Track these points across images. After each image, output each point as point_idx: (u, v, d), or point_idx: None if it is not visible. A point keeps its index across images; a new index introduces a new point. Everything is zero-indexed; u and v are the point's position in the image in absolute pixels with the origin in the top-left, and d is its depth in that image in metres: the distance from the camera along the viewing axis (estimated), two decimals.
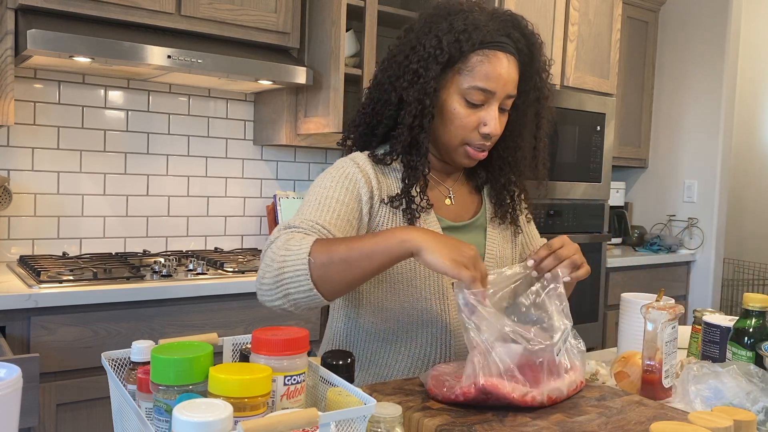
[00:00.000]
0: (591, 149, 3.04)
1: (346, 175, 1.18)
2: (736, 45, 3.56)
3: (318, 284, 0.99)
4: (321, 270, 0.98)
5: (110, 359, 0.84)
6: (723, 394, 1.01)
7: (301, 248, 1.00)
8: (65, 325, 1.81)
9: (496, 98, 1.16)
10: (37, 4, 1.95)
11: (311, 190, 1.18)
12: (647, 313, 1.12)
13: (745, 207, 4.36)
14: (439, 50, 1.14)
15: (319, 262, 0.98)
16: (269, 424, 0.60)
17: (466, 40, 1.13)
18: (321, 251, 0.99)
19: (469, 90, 1.15)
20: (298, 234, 1.05)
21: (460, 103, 1.16)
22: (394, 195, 1.19)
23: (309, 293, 0.99)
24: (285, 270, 1.00)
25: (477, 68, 1.14)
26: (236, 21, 2.31)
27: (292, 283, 0.99)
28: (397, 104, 1.19)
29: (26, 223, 2.30)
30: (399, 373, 1.21)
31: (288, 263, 1.00)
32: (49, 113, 2.33)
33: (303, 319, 2.22)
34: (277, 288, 1.01)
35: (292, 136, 2.57)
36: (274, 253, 1.02)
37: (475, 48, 1.14)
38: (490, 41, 1.14)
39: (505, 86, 1.16)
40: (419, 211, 1.19)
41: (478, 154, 1.20)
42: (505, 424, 0.88)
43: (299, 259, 0.99)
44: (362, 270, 0.99)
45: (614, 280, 3.26)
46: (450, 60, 1.15)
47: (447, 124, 1.18)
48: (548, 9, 2.87)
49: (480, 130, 1.17)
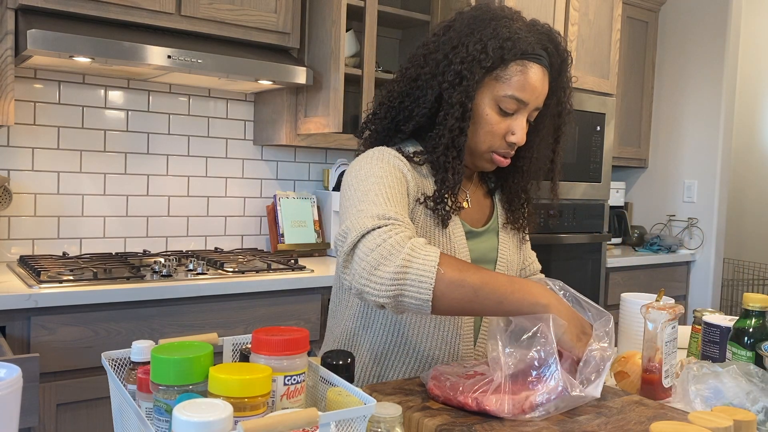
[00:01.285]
0: (591, 149, 3.04)
1: (390, 163, 1.16)
2: (736, 45, 3.56)
3: (437, 298, 0.96)
4: (446, 288, 0.96)
5: (110, 359, 0.84)
6: (723, 394, 1.01)
7: (430, 255, 0.97)
8: (65, 325, 1.81)
9: (527, 109, 1.17)
10: (37, 4, 1.95)
11: (365, 180, 1.12)
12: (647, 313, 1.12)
13: (745, 207, 4.36)
14: (484, 54, 1.13)
15: (448, 279, 0.96)
16: (269, 424, 0.60)
17: (509, 48, 1.13)
18: (453, 269, 0.97)
19: (504, 98, 1.15)
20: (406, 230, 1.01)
21: (493, 109, 1.17)
22: (430, 195, 1.19)
23: (423, 303, 0.96)
24: (410, 270, 0.95)
25: (515, 78, 1.15)
26: (236, 21, 2.31)
27: (412, 287, 0.95)
28: (433, 103, 1.18)
29: (26, 223, 2.30)
30: (404, 374, 1.21)
31: (414, 265, 0.96)
32: (49, 113, 2.33)
33: (303, 319, 2.22)
34: (393, 285, 0.95)
35: (292, 136, 2.57)
36: (392, 247, 0.97)
37: (516, 57, 1.14)
38: (531, 53, 1.15)
39: (537, 98, 1.17)
40: (452, 213, 1.19)
41: (503, 161, 1.21)
42: (505, 424, 0.88)
43: (428, 267, 0.95)
44: (486, 308, 0.98)
45: (614, 280, 3.26)
46: (491, 65, 1.14)
47: (477, 128, 1.18)
48: (548, 9, 2.87)
49: (507, 138, 1.18)
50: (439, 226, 1.19)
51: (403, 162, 1.17)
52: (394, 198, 1.09)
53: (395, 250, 0.97)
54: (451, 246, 1.20)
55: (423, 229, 1.19)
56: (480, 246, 1.26)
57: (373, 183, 1.10)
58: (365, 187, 1.10)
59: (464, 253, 1.22)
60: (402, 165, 1.17)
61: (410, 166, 1.19)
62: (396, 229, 1.00)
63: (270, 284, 2.14)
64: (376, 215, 1.03)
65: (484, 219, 1.31)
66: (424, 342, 1.20)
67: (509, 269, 1.31)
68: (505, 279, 0.99)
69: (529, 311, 0.97)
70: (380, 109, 1.25)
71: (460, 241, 1.22)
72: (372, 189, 1.09)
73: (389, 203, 1.06)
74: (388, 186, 1.10)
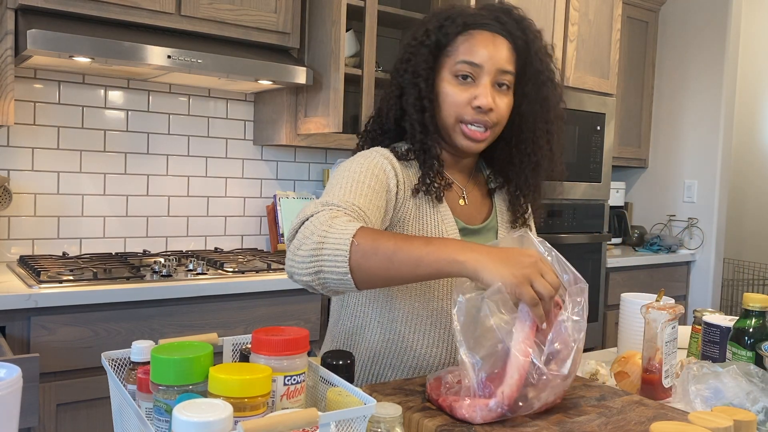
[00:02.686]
0: (591, 149, 3.04)
1: (375, 164, 1.17)
2: (736, 45, 3.56)
3: (354, 270, 0.94)
4: (362, 258, 0.93)
5: (110, 359, 0.84)
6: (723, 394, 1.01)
7: (346, 229, 0.96)
8: (65, 325, 1.81)
9: (485, 72, 1.17)
10: (37, 4, 1.95)
11: (339, 174, 1.15)
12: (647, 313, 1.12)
13: (745, 207, 4.36)
14: (425, 36, 1.21)
15: (362, 249, 0.93)
16: (269, 424, 0.60)
17: (450, 24, 1.19)
18: (367, 238, 0.95)
19: (456, 66, 1.18)
20: (341, 213, 1.02)
21: (451, 81, 1.19)
22: (415, 184, 1.20)
23: (342, 277, 0.95)
24: (325, 246, 0.95)
25: (461, 47, 1.19)
26: (236, 21, 2.31)
27: (328, 262, 0.95)
28: (398, 96, 1.23)
29: (26, 223, 2.30)
30: (402, 373, 1.21)
31: (330, 240, 0.95)
32: (49, 113, 2.33)
33: (303, 319, 2.22)
34: (311, 262, 0.96)
35: (292, 136, 2.57)
36: (315, 227, 0.98)
37: (459, 30, 1.19)
38: (473, 23, 1.19)
39: (493, 59, 1.17)
40: (441, 191, 1.21)
41: (475, 133, 1.19)
42: (505, 424, 0.88)
43: (342, 240, 0.94)
44: (404, 274, 0.95)
45: (614, 280, 3.26)
46: (438, 46, 1.20)
47: (442, 104, 1.20)
48: (548, 9, 2.87)
49: (472, 104, 1.18)
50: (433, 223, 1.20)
51: (388, 160, 1.19)
52: (358, 190, 1.09)
53: (316, 228, 0.97)
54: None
55: (416, 225, 1.20)
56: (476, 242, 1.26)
57: (343, 178, 1.13)
58: (335, 181, 1.13)
59: None
60: (386, 163, 1.18)
61: (400, 164, 1.21)
62: (329, 213, 1.00)
63: (270, 284, 2.14)
64: (322, 202, 1.05)
65: (482, 218, 1.30)
66: (420, 341, 1.21)
67: None
68: (421, 241, 0.95)
69: (448, 270, 0.92)
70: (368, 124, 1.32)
71: (454, 237, 1.22)
72: (339, 182, 1.12)
73: (348, 194, 1.08)
74: (356, 181, 1.11)
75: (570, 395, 1.01)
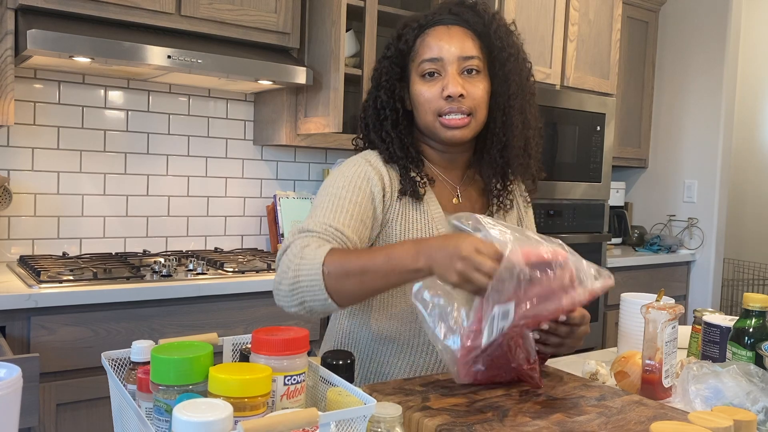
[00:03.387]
0: (591, 149, 3.04)
1: (358, 173, 1.20)
2: (736, 45, 3.56)
3: (333, 295, 1.02)
4: (336, 282, 1.01)
5: (110, 359, 0.84)
6: (723, 394, 1.01)
7: (315, 258, 1.02)
8: (65, 325, 1.81)
9: (447, 63, 1.19)
10: (37, 4, 1.95)
11: (324, 190, 1.20)
12: (647, 313, 1.12)
13: (745, 207, 4.36)
14: (386, 49, 1.26)
15: (333, 274, 1.00)
16: (269, 424, 0.60)
17: (408, 32, 1.24)
18: (335, 263, 1.01)
19: (419, 67, 1.21)
20: (313, 240, 1.07)
21: (419, 82, 1.22)
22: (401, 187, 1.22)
23: (324, 302, 1.02)
24: (300, 279, 1.03)
25: (420, 48, 1.22)
26: (236, 21, 2.31)
27: (308, 292, 1.03)
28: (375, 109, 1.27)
29: (26, 223, 2.30)
30: (401, 373, 1.21)
31: (303, 272, 1.02)
32: (49, 113, 2.33)
33: (303, 319, 2.22)
34: (293, 295, 1.04)
35: (292, 136, 2.57)
36: (290, 261, 1.05)
37: (416, 34, 1.23)
38: (427, 23, 1.23)
39: (451, 48, 1.19)
40: (423, 187, 1.22)
41: (452, 120, 1.19)
42: (505, 424, 0.88)
43: (313, 270, 1.01)
44: (378, 287, 1.02)
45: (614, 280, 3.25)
46: (401, 54, 1.24)
47: (417, 107, 1.23)
48: (548, 9, 2.87)
49: (442, 95, 1.19)
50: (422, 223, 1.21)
51: (373, 166, 1.22)
52: (340, 207, 1.15)
53: (291, 263, 1.05)
54: None
55: (406, 226, 1.21)
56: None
57: (327, 196, 1.18)
58: (319, 199, 1.19)
59: None
60: (369, 170, 1.21)
61: (387, 167, 1.23)
62: (301, 242, 1.07)
63: (270, 284, 2.13)
64: (298, 230, 1.11)
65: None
66: (416, 338, 1.21)
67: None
68: (382, 256, 1.00)
69: (414, 278, 0.98)
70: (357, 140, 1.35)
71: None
72: (323, 202, 1.17)
73: (328, 214, 1.13)
74: (338, 197, 1.16)
75: (570, 395, 1.01)
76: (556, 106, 2.84)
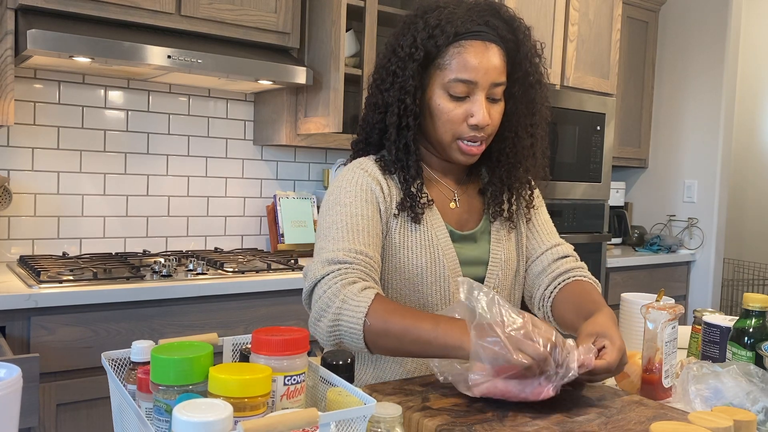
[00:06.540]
0: (591, 149, 3.04)
1: (360, 185, 1.17)
2: (736, 45, 3.56)
3: (369, 345, 1.04)
4: (375, 337, 1.02)
5: (110, 359, 0.84)
6: (723, 394, 1.01)
7: (358, 306, 1.02)
8: (65, 325, 1.81)
9: (479, 88, 1.14)
10: (37, 4, 1.95)
11: (330, 209, 1.16)
12: (647, 313, 1.12)
13: (745, 207, 4.36)
14: (414, 48, 1.15)
15: (374, 329, 1.01)
16: (269, 424, 0.60)
17: (440, 34, 1.14)
18: (378, 318, 1.01)
19: (450, 83, 1.15)
20: (349, 274, 1.06)
21: (444, 97, 1.16)
22: (399, 201, 1.19)
23: (362, 349, 1.05)
24: (341, 324, 1.03)
25: (453, 61, 1.14)
26: (236, 21, 2.31)
27: (346, 336, 1.04)
28: (383, 108, 1.20)
29: (26, 223, 2.30)
30: (401, 374, 1.21)
31: (344, 318, 1.03)
32: (49, 113, 2.33)
33: (303, 319, 2.22)
34: (331, 336, 1.05)
35: (292, 136, 2.57)
36: (330, 300, 1.04)
37: (450, 41, 1.14)
38: (464, 32, 1.14)
39: (487, 74, 1.14)
40: (422, 207, 1.19)
41: (471, 149, 1.18)
42: (505, 424, 0.88)
43: (355, 319, 1.02)
44: (413, 353, 1.02)
45: (614, 280, 3.26)
46: (428, 57, 1.15)
47: (436, 120, 1.18)
48: (548, 9, 2.87)
49: (468, 122, 1.16)
50: (421, 231, 1.19)
51: (372, 176, 1.19)
52: (355, 227, 1.13)
53: (331, 302, 1.04)
54: (435, 250, 1.19)
55: (404, 238, 1.19)
56: (469, 248, 1.25)
57: (337, 214, 1.15)
58: (330, 219, 1.15)
59: (451, 257, 1.21)
60: (370, 180, 1.18)
61: (385, 177, 1.20)
62: (339, 277, 1.06)
63: (270, 284, 2.13)
64: (327, 260, 1.09)
65: (475, 220, 1.28)
66: None
67: (504, 269, 1.27)
68: (429, 324, 0.99)
69: (454, 354, 0.96)
70: (357, 133, 1.30)
71: (445, 244, 1.21)
72: (336, 221, 1.14)
73: (348, 237, 1.11)
74: (350, 215, 1.14)
75: (570, 395, 1.01)
76: (556, 106, 2.84)
